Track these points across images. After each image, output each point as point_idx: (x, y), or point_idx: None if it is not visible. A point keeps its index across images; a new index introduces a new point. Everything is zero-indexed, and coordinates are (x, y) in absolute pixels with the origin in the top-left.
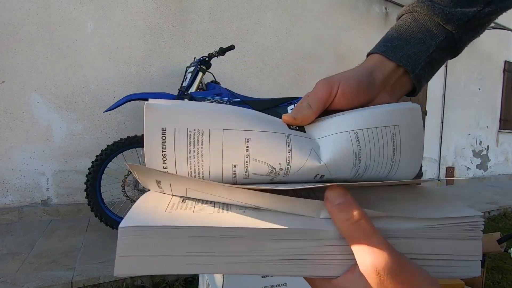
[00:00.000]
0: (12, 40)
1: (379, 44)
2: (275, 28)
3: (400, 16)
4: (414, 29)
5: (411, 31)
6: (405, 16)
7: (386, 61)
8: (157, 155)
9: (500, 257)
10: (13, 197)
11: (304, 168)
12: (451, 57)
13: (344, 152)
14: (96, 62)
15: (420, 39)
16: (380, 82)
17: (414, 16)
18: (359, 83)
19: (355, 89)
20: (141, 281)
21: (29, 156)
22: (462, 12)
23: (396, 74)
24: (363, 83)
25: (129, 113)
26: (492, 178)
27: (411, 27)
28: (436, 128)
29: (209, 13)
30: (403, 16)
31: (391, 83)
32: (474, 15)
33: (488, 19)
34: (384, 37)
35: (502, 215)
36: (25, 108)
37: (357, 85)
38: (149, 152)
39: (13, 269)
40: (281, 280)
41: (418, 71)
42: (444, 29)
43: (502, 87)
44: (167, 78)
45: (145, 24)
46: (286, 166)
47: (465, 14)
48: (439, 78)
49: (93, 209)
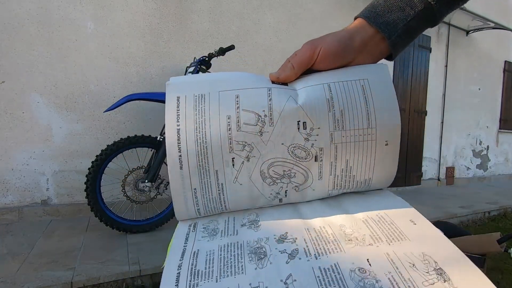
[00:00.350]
0: (12, 40)
1: (365, 9)
2: (275, 28)
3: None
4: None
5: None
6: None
7: (367, 26)
8: (173, 117)
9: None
10: (13, 197)
11: (284, 113)
12: (429, 26)
13: (317, 98)
14: (96, 62)
15: (400, 7)
16: (358, 46)
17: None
18: (339, 46)
19: (335, 52)
20: (141, 281)
21: (29, 156)
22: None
23: (374, 39)
24: (342, 47)
25: (129, 113)
26: (492, 178)
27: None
28: (436, 128)
29: (209, 13)
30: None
31: (368, 47)
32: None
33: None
34: (371, 3)
35: (502, 215)
36: (25, 108)
37: (336, 48)
38: (168, 116)
39: (13, 269)
40: None
41: (394, 38)
42: (424, 0)
43: (502, 87)
44: (167, 78)
45: (145, 24)
46: (269, 112)
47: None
48: (439, 78)
49: (93, 209)
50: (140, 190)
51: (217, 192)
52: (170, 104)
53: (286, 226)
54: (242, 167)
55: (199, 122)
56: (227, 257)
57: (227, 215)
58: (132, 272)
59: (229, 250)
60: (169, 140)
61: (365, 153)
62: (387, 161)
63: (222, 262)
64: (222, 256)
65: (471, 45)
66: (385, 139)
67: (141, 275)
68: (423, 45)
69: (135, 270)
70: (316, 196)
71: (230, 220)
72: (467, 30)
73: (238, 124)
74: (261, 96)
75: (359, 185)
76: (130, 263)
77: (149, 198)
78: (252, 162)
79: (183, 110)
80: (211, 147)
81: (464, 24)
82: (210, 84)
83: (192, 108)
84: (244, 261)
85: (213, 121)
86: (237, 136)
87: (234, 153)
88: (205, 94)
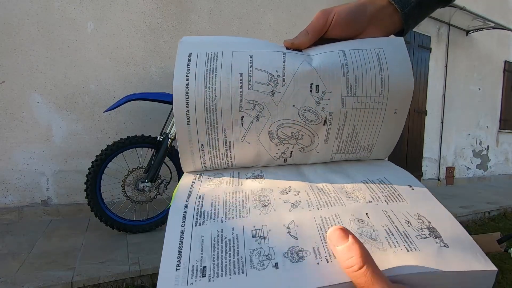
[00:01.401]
0: (12, 40)
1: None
2: (275, 28)
3: None
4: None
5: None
6: None
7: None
8: (182, 71)
9: (500, 257)
10: (13, 197)
11: (298, 74)
12: (441, 5)
13: (332, 63)
14: (96, 62)
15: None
16: (370, 15)
17: None
18: (351, 14)
19: (347, 19)
20: (141, 281)
21: (29, 156)
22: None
23: (387, 10)
24: (355, 15)
25: (129, 113)
26: (492, 178)
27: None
28: (436, 128)
29: (209, 13)
30: None
31: (380, 18)
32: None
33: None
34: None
35: (502, 215)
36: (25, 108)
37: (349, 16)
38: (177, 71)
39: (13, 269)
40: None
41: (406, 10)
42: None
43: (502, 87)
44: (167, 78)
45: (145, 24)
46: (282, 72)
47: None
48: (439, 78)
49: (93, 209)
50: (140, 190)
51: (224, 149)
52: (181, 59)
53: (290, 182)
54: (250, 126)
55: (209, 77)
56: (232, 202)
57: (232, 170)
58: (132, 272)
59: (234, 196)
60: (176, 94)
61: (374, 120)
62: (392, 129)
63: (227, 206)
64: (227, 201)
65: (471, 45)
66: (394, 108)
67: (141, 275)
68: (423, 45)
69: (135, 270)
70: (319, 158)
71: (235, 174)
72: (467, 30)
73: (250, 83)
74: (275, 57)
75: (362, 150)
76: (130, 263)
77: (149, 198)
78: (261, 122)
79: (193, 65)
80: (220, 105)
81: (464, 24)
82: (225, 44)
83: (203, 64)
84: (249, 206)
85: (224, 78)
86: (248, 95)
87: (244, 112)
88: (218, 52)
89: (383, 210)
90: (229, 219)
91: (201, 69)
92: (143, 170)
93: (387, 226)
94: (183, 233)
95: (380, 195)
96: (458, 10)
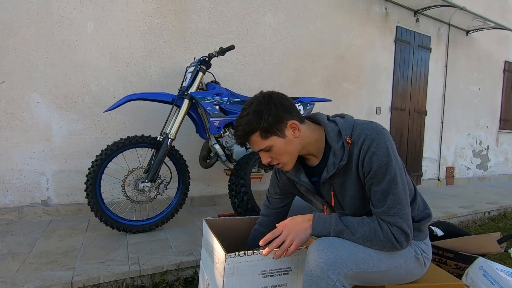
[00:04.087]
0: (12, 40)
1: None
2: (275, 28)
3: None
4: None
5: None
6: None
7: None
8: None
9: (500, 257)
10: (13, 197)
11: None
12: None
13: None
14: (96, 62)
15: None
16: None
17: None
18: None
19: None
20: (141, 281)
21: (29, 156)
22: None
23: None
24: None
25: (129, 113)
26: (492, 178)
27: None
28: (436, 128)
29: (209, 13)
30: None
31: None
32: None
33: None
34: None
35: (502, 215)
36: (25, 108)
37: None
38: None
39: (13, 269)
40: (281, 280)
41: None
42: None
43: (502, 87)
44: (167, 78)
45: (145, 24)
46: None
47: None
48: (439, 78)
49: (93, 209)
50: (140, 190)
51: None
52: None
53: None
54: None
55: None
56: None
57: None
58: (132, 272)
59: None
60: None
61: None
62: None
63: None
64: None
65: (471, 45)
66: None
67: (141, 275)
68: (423, 45)
69: (135, 270)
70: None
71: None
72: (467, 30)
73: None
74: None
75: None
76: (130, 263)
77: (149, 198)
78: None
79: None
80: None
81: (464, 24)
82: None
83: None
84: None
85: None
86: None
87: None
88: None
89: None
90: None
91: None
92: (143, 170)
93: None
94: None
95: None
96: (458, 10)
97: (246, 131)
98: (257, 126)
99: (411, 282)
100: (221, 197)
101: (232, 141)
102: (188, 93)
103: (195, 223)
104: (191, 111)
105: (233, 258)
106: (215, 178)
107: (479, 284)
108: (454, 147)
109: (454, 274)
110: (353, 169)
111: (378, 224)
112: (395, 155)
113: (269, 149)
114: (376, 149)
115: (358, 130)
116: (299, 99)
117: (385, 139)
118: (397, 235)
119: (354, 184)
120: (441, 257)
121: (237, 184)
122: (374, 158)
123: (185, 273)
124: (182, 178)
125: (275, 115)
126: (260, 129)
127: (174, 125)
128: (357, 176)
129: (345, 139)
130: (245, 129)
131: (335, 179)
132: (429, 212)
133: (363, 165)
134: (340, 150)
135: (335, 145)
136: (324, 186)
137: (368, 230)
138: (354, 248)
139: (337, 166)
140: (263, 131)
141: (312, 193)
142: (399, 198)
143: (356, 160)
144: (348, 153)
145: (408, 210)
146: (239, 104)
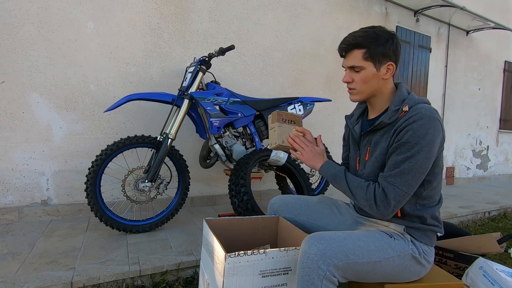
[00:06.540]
0: (12, 40)
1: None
2: (275, 28)
3: None
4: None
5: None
6: None
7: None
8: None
9: (500, 257)
10: (13, 197)
11: None
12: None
13: None
14: (96, 62)
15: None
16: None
17: None
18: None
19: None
20: (141, 281)
21: (29, 156)
22: None
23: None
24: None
25: (129, 113)
26: (492, 178)
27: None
28: None
29: (209, 13)
30: None
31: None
32: None
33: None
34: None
35: (502, 215)
36: (25, 108)
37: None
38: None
39: (13, 269)
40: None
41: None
42: None
43: (502, 87)
44: (167, 78)
45: (145, 24)
46: None
47: None
48: (439, 78)
49: (93, 209)
50: (140, 190)
51: None
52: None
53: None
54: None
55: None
56: None
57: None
58: (132, 272)
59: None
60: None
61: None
62: None
63: None
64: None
65: (471, 45)
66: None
67: (141, 275)
68: (423, 45)
69: (135, 270)
70: None
71: None
72: (467, 30)
73: None
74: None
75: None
76: (130, 263)
77: (149, 198)
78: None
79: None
80: None
81: (464, 24)
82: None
83: None
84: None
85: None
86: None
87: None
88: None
89: None
90: None
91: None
92: (143, 170)
93: None
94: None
95: None
96: (458, 10)
97: (358, 42)
98: (369, 44)
99: (411, 282)
100: (221, 197)
101: (232, 141)
102: (188, 93)
103: (195, 223)
104: (191, 111)
105: (233, 258)
106: (215, 178)
107: (479, 284)
108: (454, 147)
109: (454, 274)
110: (391, 134)
111: (369, 183)
112: (431, 145)
113: (359, 70)
114: (417, 127)
115: (419, 107)
116: (299, 99)
117: (432, 127)
118: (378, 198)
119: (383, 148)
120: (441, 257)
121: (237, 184)
122: (409, 132)
123: (185, 273)
124: (182, 178)
125: (387, 48)
126: (368, 49)
127: (174, 125)
128: (389, 144)
129: (403, 106)
130: (357, 40)
131: (374, 136)
132: (440, 227)
133: (398, 133)
134: (393, 112)
135: (392, 107)
136: (364, 139)
137: (358, 182)
138: (343, 240)
139: (379, 122)
140: (368, 52)
141: (354, 143)
142: (406, 175)
143: (397, 127)
144: (396, 118)
145: (407, 191)
146: (239, 104)
